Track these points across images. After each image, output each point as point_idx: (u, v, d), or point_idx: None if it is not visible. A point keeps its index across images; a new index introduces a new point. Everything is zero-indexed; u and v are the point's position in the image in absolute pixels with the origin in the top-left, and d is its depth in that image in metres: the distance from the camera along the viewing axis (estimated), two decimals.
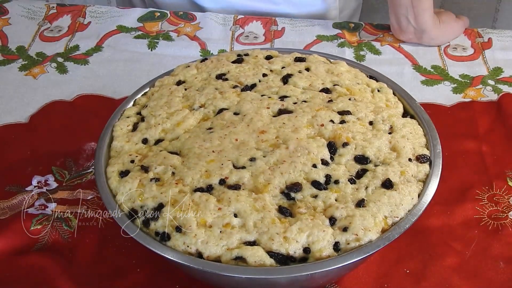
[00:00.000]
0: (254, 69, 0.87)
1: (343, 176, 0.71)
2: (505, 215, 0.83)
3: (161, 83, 0.87)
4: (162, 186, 0.70)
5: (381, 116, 0.78)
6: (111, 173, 0.73)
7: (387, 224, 0.67)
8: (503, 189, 0.86)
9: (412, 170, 0.72)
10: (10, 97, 1.04)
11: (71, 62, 1.12)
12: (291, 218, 0.67)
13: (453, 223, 0.82)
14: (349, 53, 1.14)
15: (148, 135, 0.77)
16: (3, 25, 1.23)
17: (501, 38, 1.17)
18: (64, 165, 0.91)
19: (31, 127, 0.98)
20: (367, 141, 0.74)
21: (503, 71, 1.09)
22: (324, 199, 0.68)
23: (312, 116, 0.77)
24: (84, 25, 1.22)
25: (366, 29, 1.21)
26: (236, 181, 0.70)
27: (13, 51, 1.15)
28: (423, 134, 0.78)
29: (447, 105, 1.02)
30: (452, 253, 0.78)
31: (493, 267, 0.76)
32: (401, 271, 0.76)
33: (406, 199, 0.69)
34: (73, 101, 1.03)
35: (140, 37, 1.19)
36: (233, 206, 0.67)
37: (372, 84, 0.85)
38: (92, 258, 0.78)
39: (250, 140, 0.74)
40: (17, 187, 0.87)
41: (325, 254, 0.64)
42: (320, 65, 0.87)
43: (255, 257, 0.63)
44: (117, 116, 0.82)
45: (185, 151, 0.74)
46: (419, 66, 1.11)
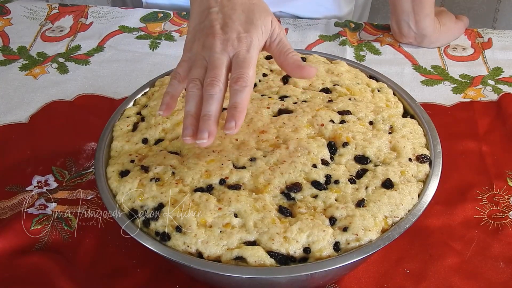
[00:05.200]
0: None
1: (343, 176, 0.71)
2: (505, 215, 0.83)
3: (161, 83, 0.87)
4: (162, 186, 0.70)
5: (381, 116, 0.78)
6: (111, 173, 0.73)
7: (387, 224, 0.67)
8: (503, 189, 0.86)
9: (412, 170, 0.72)
10: (10, 97, 1.04)
11: (72, 62, 1.12)
12: (291, 218, 0.67)
13: (453, 223, 0.82)
14: (350, 52, 1.14)
15: (148, 135, 0.78)
16: (4, 25, 1.23)
17: (501, 38, 1.17)
18: (64, 165, 0.91)
19: (31, 127, 0.98)
20: (367, 141, 0.74)
21: (503, 71, 1.09)
22: (324, 199, 0.69)
23: (312, 116, 0.77)
24: (86, 25, 1.22)
25: (366, 29, 1.21)
26: (236, 181, 0.70)
27: (14, 51, 1.15)
28: (423, 134, 0.78)
29: (447, 105, 1.02)
30: (452, 253, 0.78)
31: (493, 267, 0.76)
32: (401, 271, 0.76)
33: (406, 199, 0.69)
34: (73, 101, 1.03)
35: (142, 38, 1.19)
36: (233, 206, 0.67)
37: (372, 84, 0.85)
38: (92, 258, 0.78)
39: (250, 140, 0.74)
40: (17, 187, 0.87)
41: (325, 254, 0.64)
42: (320, 65, 0.87)
43: (255, 257, 0.63)
44: (117, 116, 0.82)
45: (185, 151, 0.74)
46: (419, 66, 1.11)
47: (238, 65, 0.65)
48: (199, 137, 0.63)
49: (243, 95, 0.64)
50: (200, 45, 0.68)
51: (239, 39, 0.67)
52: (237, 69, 0.65)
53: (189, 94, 0.65)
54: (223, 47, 0.66)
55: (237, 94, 0.64)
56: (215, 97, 0.64)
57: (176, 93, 0.68)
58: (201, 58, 0.67)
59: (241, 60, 0.66)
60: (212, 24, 0.68)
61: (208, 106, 0.64)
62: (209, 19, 0.69)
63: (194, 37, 0.69)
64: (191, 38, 0.70)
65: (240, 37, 0.67)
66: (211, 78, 0.64)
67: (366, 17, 1.43)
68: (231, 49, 0.66)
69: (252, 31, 0.68)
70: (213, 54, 0.66)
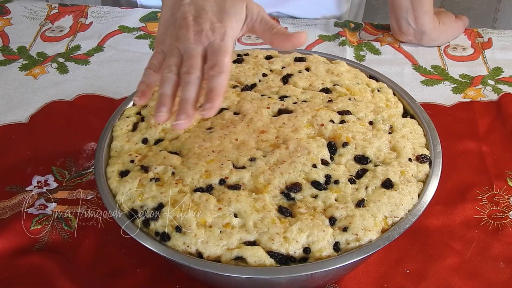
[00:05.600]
0: (254, 69, 0.87)
1: (343, 176, 0.71)
2: (505, 215, 0.83)
3: None
4: (162, 186, 0.70)
5: (381, 116, 0.78)
6: (111, 173, 0.73)
7: (387, 224, 0.67)
8: (503, 189, 0.86)
9: (412, 170, 0.72)
10: (10, 97, 1.04)
11: (72, 62, 1.12)
12: (291, 218, 0.67)
13: (453, 223, 0.82)
14: (350, 52, 1.14)
15: (148, 135, 0.78)
16: (4, 25, 1.23)
17: (501, 38, 1.17)
18: (64, 165, 0.91)
19: (31, 127, 0.98)
20: (367, 141, 0.74)
21: (503, 71, 1.09)
22: (324, 199, 0.69)
23: (312, 116, 0.77)
24: (86, 25, 1.22)
25: (366, 29, 1.21)
26: (236, 181, 0.70)
27: (14, 51, 1.15)
28: (423, 134, 0.78)
29: (447, 105, 1.02)
30: (452, 253, 0.78)
31: (493, 267, 0.76)
32: (401, 271, 0.76)
33: (406, 199, 0.69)
34: (73, 101, 1.03)
35: (142, 37, 1.19)
36: (233, 206, 0.67)
37: (372, 84, 0.85)
38: (92, 258, 0.78)
39: (250, 140, 0.74)
40: (17, 187, 0.87)
41: (325, 254, 0.64)
42: (320, 65, 0.87)
43: (255, 257, 0.63)
44: (117, 116, 0.82)
45: (185, 151, 0.74)
46: (419, 66, 1.11)
47: (213, 53, 0.66)
48: (178, 118, 0.63)
49: (219, 80, 0.64)
50: (174, 37, 0.68)
51: (213, 29, 0.67)
52: (213, 57, 0.66)
53: (164, 78, 0.66)
54: (197, 38, 0.67)
55: (213, 79, 0.64)
56: (192, 82, 0.64)
57: (152, 83, 0.68)
58: (175, 48, 0.67)
59: (216, 48, 0.66)
60: (185, 15, 0.69)
61: (186, 92, 0.64)
62: (181, 11, 0.69)
63: (167, 29, 0.70)
64: (163, 31, 0.70)
65: (213, 27, 0.67)
66: (187, 67, 0.65)
67: (361, 15, 1.44)
68: (205, 39, 0.67)
69: (225, 20, 0.68)
70: (188, 45, 0.66)
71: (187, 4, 0.70)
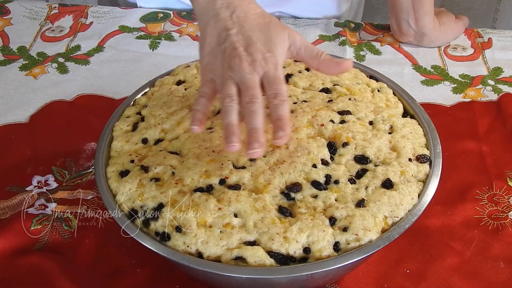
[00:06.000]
0: None
1: (343, 176, 0.71)
2: (505, 215, 0.83)
3: (161, 83, 0.87)
4: (162, 186, 0.70)
5: (381, 116, 0.78)
6: (111, 173, 0.73)
7: (387, 224, 0.67)
8: (503, 189, 0.86)
9: (412, 170, 0.72)
10: (10, 97, 1.04)
11: (72, 62, 1.12)
12: (291, 218, 0.67)
13: (453, 223, 0.82)
14: (350, 52, 1.14)
15: (148, 135, 0.78)
16: (4, 25, 1.23)
17: (501, 38, 1.17)
18: (64, 165, 0.91)
19: (31, 127, 0.98)
20: (367, 141, 0.74)
21: (503, 71, 1.09)
22: (324, 199, 0.69)
23: (312, 116, 0.77)
24: (86, 25, 1.22)
25: (366, 29, 1.21)
26: (236, 181, 0.70)
27: (14, 51, 1.15)
28: (423, 134, 0.78)
29: (447, 105, 1.02)
30: (452, 253, 0.78)
31: (493, 267, 0.76)
32: (401, 271, 0.76)
33: (406, 199, 0.69)
34: (73, 101, 1.03)
35: (142, 38, 1.19)
36: (233, 206, 0.67)
37: (372, 84, 0.85)
38: (92, 258, 0.78)
39: None
40: (17, 187, 0.87)
41: (325, 254, 0.64)
42: None
43: (255, 257, 0.63)
44: (117, 116, 0.82)
45: (185, 151, 0.74)
46: (419, 66, 1.11)
47: (271, 83, 0.68)
48: (251, 147, 0.64)
49: (284, 108, 0.67)
50: (226, 67, 0.69)
51: (265, 59, 0.69)
52: (272, 86, 0.68)
53: (227, 108, 0.67)
54: (252, 68, 0.69)
55: (279, 108, 0.67)
56: (257, 112, 0.66)
57: (206, 110, 0.70)
58: (230, 78, 0.69)
59: (272, 78, 0.68)
60: (234, 46, 0.70)
61: (254, 121, 0.66)
62: (229, 41, 0.70)
63: (215, 59, 0.71)
64: (211, 60, 0.71)
65: (265, 57, 0.69)
66: (249, 96, 0.67)
67: (360, 14, 1.44)
68: (260, 69, 0.69)
69: (274, 50, 0.71)
70: (244, 75, 0.68)
71: (235, 35, 0.71)
